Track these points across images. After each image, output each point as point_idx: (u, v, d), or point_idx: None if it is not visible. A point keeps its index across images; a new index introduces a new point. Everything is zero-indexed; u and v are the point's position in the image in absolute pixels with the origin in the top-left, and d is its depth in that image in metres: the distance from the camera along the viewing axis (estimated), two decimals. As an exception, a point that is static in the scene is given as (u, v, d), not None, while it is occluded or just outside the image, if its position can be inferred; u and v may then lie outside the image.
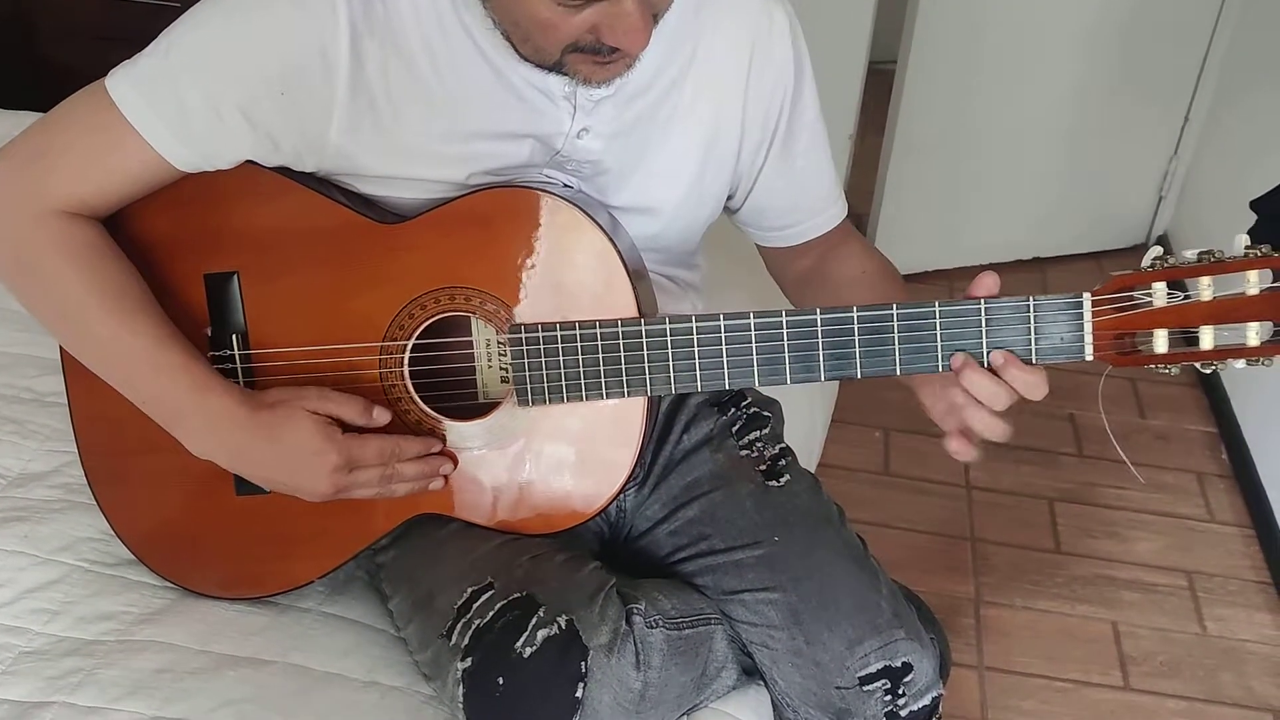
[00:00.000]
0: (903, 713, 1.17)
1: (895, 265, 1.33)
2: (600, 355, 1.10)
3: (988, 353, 1.04)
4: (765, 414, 1.34)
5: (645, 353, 1.09)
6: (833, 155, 1.31)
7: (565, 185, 1.16)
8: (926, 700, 1.18)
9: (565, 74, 1.07)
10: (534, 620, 1.07)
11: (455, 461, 1.16)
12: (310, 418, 1.10)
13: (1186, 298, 0.99)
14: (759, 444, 1.31)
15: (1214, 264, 0.97)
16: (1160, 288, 0.99)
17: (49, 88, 1.66)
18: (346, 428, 1.11)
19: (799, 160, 1.27)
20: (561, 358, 1.10)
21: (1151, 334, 1.01)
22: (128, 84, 1.07)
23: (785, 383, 1.08)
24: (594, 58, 1.03)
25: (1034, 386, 1.04)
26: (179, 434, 1.12)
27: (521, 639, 1.06)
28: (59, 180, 1.09)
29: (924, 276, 3.03)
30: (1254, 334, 0.97)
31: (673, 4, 1.05)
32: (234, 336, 1.15)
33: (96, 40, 2.59)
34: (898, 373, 1.06)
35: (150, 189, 1.11)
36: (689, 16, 1.16)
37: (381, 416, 1.13)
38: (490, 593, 1.11)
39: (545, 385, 1.11)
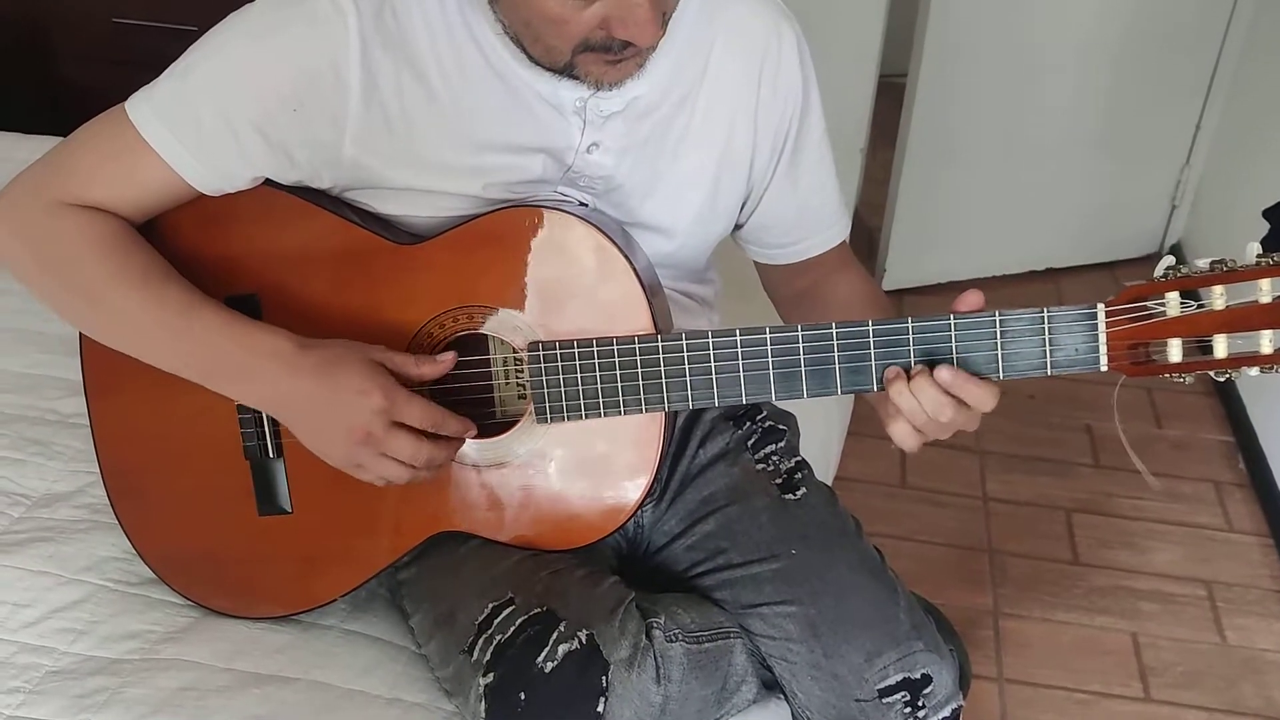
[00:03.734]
0: (922, 724, 1.17)
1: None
2: (618, 372, 1.10)
3: (1003, 364, 1.05)
4: (781, 427, 1.35)
5: (662, 369, 1.10)
6: (844, 168, 1.32)
7: (581, 204, 1.17)
8: (946, 712, 1.18)
9: (576, 77, 1.08)
10: (555, 635, 1.08)
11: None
12: (364, 361, 1.08)
13: (1200, 307, 0.99)
14: (775, 457, 1.31)
15: (1226, 273, 0.97)
16: (1173, 297, 1.00)
17: (66, 112, 1.67)
18: None
19: (804, 178, 1.28)
20: (579, 375, 1.11)
21: (1165, 343, 1.01)
22: (148, 108, 1.09)
23: (802, 396, 1.09)
24: (605, 56, 1.04)
25: (984, 399, 1.04)
26: (219, 384, 1.11)
27: (543, 654, 1.07)
28: (80, 195, 1.11)
29: (937, 289, 3.03)
30: (1267, 342, 0.98)
31: (682, 13, 1.05)
32: (254, 357, 1.16)
33: (113, 64, 2.61)
34: (913, 384, 1.06)
35: (168, 208, 1.13)
36: (698, 35, 1.17)
37: (437, 367, 1.11)
38: (511, 608, 1.11)
39: (564, 402, 1.12)
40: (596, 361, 1.11)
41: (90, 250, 1.10)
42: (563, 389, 1.12)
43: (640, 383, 1.10)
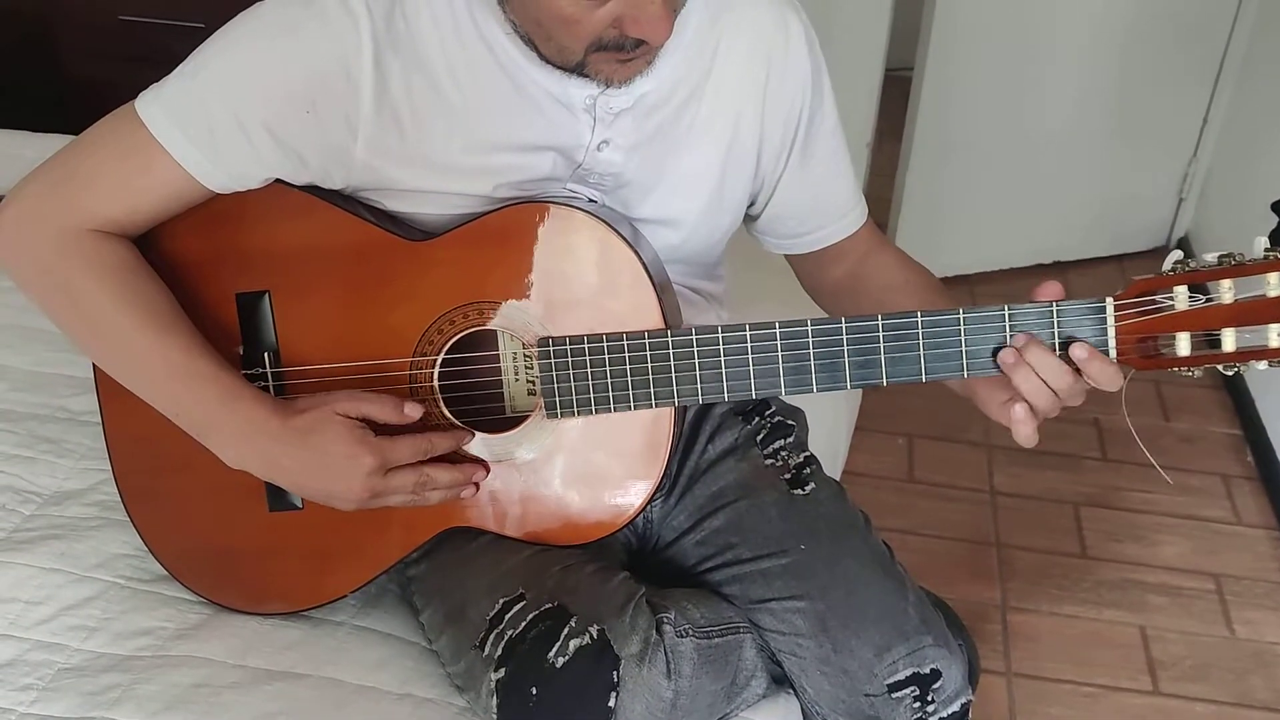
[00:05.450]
0: (932, 719, 1.17)
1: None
2: (628, 367, 1.11)
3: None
4: (789, 423, 1.35)
5: (672, 364, 1.10)
6: (851, 163, 1.32)
7: (590, 200, 1.18)
8: (955, 707, 1.18)
9: (587, 75, 1.08)
10: (566, 630, 1.08)
11: (487, 469, 1.17)
12: (341, 421, 1.10)
13: (1208, 300, 0.99)
14: (784, 453, 1.31)
15: (1234, 267, 0.97)
16: (1181, 291, 1.00)
17: (76, 110, 1.68)
18: (379, 430, 1.12)
19: (817, 169, 1.28)
20: (589, 370, 1.11)
21: (1174, 337, 1.01)
22: (157, 106, 1.09)
23: (811, 391, 1.09)
24: (616, 55, 1.05)
25: (1112, 378, 1.05)
26: (212, 445, 1.13)
27: (554, 649, 1.07)
28: (90, 201, 1.11)
29: (945, 282, 3.01)
30: (1275, 335, 0.98)
31: (690, 8, 1.06)
32: (266, 354, 1.17)
33: (123, 61, 2.61)
34: (923, 379, 1.07)
35: (181, 209, 1.13)
36: (705, 30, 1.17)
37: (413, 411, 1.13)
38: (522, 603, 1.12)
39: (574, 397, 1.12)
40: (606, 356, 1.11)
41: (100, 283, 1.10)
42: (572, 384, 1.12)
43: (650, 377, 1.11)
